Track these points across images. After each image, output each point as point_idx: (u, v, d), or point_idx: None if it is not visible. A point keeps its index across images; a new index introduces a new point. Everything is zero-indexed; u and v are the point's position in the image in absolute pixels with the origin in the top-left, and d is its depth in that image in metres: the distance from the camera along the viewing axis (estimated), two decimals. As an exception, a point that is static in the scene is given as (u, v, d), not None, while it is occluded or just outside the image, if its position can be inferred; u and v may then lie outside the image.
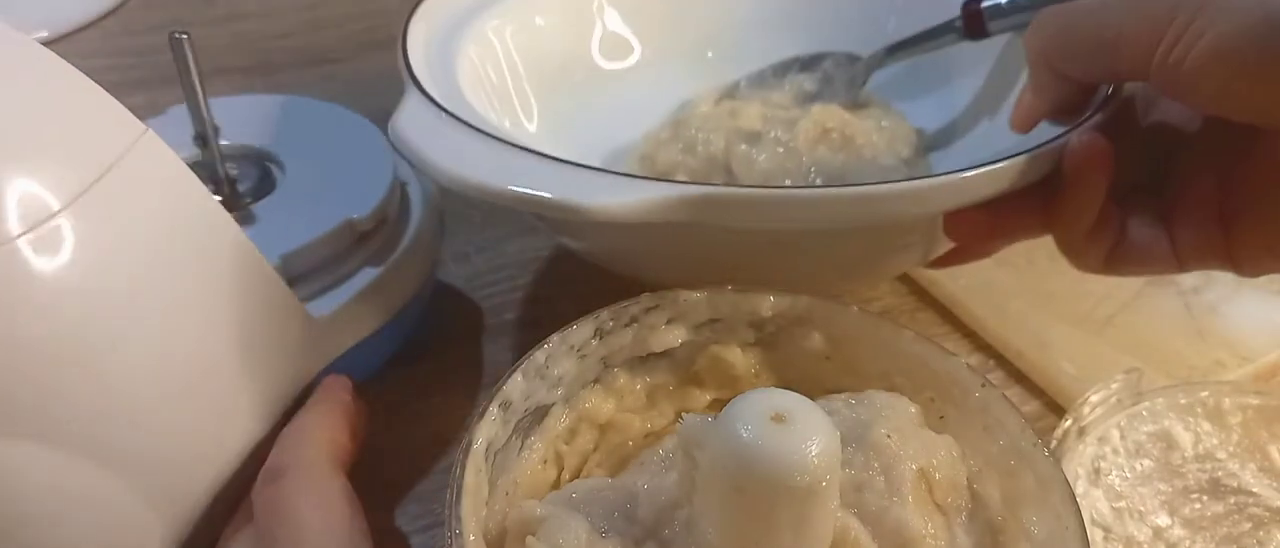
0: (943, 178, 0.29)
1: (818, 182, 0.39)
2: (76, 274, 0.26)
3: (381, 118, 0.38)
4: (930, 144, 0.45)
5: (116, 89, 0.28)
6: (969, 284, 0.45)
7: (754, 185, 0.30)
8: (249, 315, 0.31)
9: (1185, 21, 0.26)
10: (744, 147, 0.40)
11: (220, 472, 0.30)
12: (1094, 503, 0.33)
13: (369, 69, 0.64)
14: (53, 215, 0.26)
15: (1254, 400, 0.36)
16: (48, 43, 0.61)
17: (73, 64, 0.28)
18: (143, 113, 0.36)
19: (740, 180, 0.40)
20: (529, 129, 0.43)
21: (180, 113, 0.37)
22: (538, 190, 0.28)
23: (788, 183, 0.39)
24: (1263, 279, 0.46)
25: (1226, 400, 0.36)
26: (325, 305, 0.35)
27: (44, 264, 0.26)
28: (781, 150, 0.40)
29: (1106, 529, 0.32)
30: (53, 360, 0.26)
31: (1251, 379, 0.42)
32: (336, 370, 0.36)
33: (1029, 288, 0.46)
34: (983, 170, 0.30)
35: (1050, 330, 0.43)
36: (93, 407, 0.27)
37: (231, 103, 0.41)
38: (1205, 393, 0.36)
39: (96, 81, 0.28)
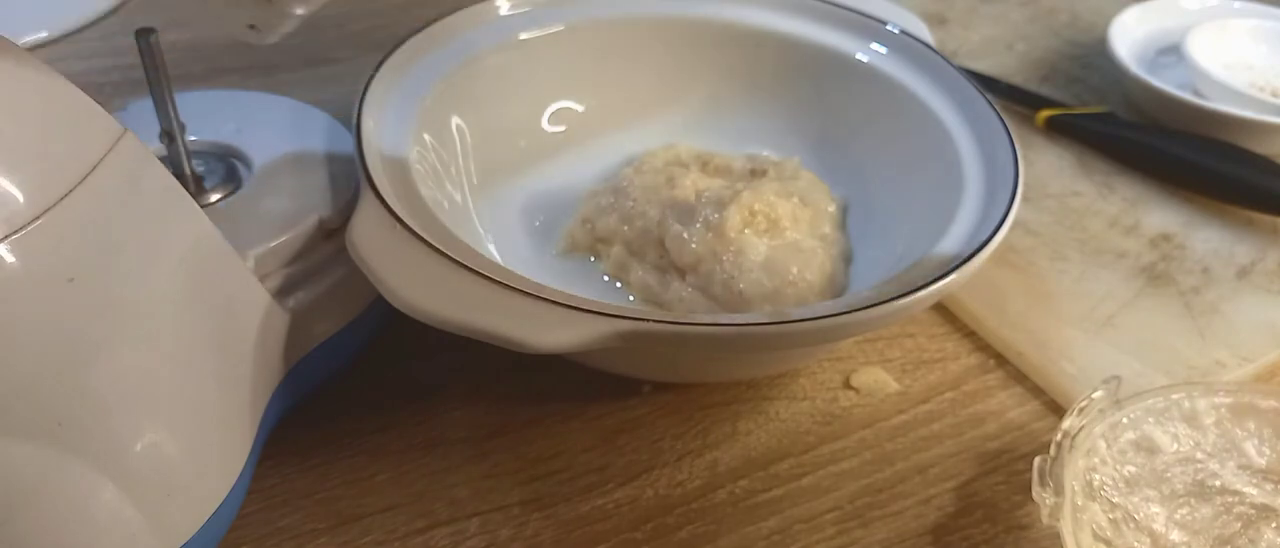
0: (841, 318, 0.33)
1: (740, 272, 0.41)
2: (58, 276, 0.27)
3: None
4: (852, 208, 0.46)
5: (117, 90, 0.28)
6: (969, 284, 0.45)
7: (676, 321, 0.33)
8: (225, 313, 0.32)
9: None
10: (677, 226, 0.42)
11: (199, 465, 0.31)
12: (1094, 517, 0.33)
13: (369, 69, 0.64)
14: (35, 220, 0.26)
15: (1225, 400, 0.36)
16: (47, 43, 0.61)
17: (72, 65, 0.28)
18: (146, 114, 0.36)
19: (674, 259, 0.42)
20: (474, 198, 0.44)
21: (140, 108, 0.37)
22: (487, 326, 0.31)
23: (717, 268, 0.41)
24: (1263, 279, 0.47)
25: (1200, 402, 0.36)
26: (296, 301, 0.36)
27: (26, 267, 0.26)
28: (711, 234, 0.41)
29: (1108, 543, 0.32)
30: (34, 360, 0.26)
31: (1252, 379, 0.42)
32: (309, 365, 0.37)
33: (1029, 288, 0.46)
34: (887, 308, 0.33)
35: (1050, 330, 0.43)
36: (73, 404, 0.27)
37: (196, 98, 0.41)
38: (1178, 395, 0.36)
39: (97, 82, 0.28)
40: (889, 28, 0.47)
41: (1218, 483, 0.34)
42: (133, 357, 0.29)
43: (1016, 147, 0.40)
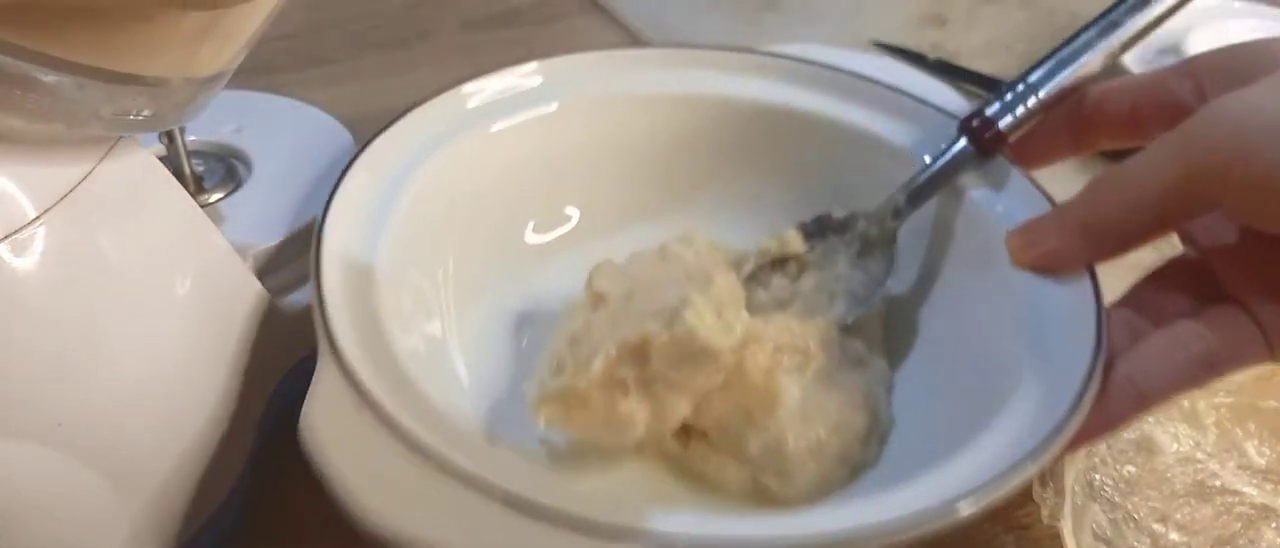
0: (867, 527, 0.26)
1: (774, 424, 0.33)
2: (58, 276, 0.27)
3: (383, 118, 0.38)
4: (893, 320, 0.39)
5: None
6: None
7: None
8: (224, 313, 0.32)
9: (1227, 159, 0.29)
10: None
11: (198, 466, 0.31)
12: (1094, 517, 0.33)
13: (369, 69, 0.64)
14: (35, 220, 0.26)
15: (1226, 400, 0.36)
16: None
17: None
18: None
19: (692, 422, 0.33)
20: (453, 327, 0.37)
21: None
22: None
23: (749, 426, 0.33)
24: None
25: (1200, 402, 0.36)
26: (296, 301, 0.36)
27: (25, 267, 0.26)
28: (734, 390, 0.33)
29: (1108, 543, 0.32)
30: (34, 359, 0.26)
31: (1251, 380, 0.42)
32: (309, 365, 0.36)
33: (1029, 288, 0.46)
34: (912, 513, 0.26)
35: (1050, 331, 0.43)
36: (72, 404, 0.27)
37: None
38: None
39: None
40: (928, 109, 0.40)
41: (1218, 483, 0.34)
42: (133, 357, 0.29)
43: (1097, 282, 0.34)
